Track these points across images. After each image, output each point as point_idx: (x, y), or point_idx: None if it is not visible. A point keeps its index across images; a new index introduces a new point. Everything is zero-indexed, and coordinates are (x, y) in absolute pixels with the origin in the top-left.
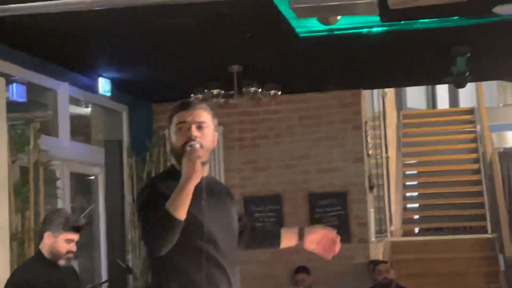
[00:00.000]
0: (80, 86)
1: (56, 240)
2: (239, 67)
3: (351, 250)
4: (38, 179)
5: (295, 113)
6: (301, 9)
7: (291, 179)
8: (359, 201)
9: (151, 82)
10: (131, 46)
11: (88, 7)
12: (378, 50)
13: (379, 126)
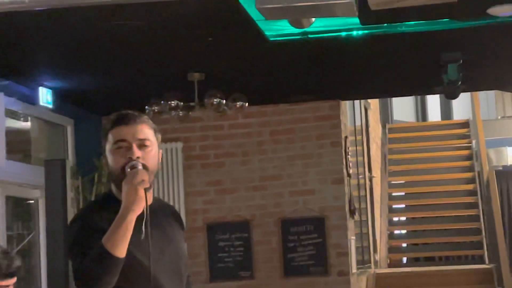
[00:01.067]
0: (18, 97)
1: None
2: (200, 75)
3: (329, 284)
4: None
5: (265, 128)
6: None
7: (261, 203)
8: (338, 227)
9: (100, 92)
10: (77, 51)
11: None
12: (358, 56)
13: (362, 142)
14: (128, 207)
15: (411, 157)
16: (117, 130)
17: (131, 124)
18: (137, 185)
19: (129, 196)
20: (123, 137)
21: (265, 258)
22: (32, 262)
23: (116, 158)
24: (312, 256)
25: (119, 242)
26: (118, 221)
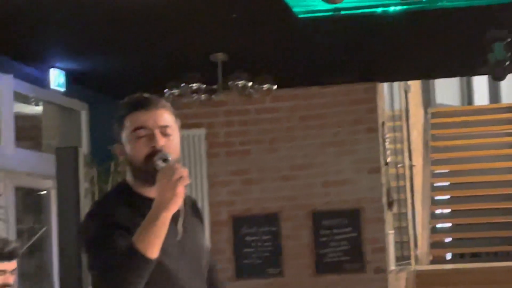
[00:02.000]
0: (28, 80)
1: None
2: (224, 56)
3: (365, 282)
4: None
5: (295, 112)
6: None
7: (290, 194)
8: (375, 220)
9: (116, 74)
10: (90, 29)
11: None
12: (396, 34)
13: (401, 128)
14: (164, 205)
15: (456, 144)
16: (136, 115)
17: (151, 109)
18: (176, 181)
19: (165, 192)
20: (143, 123)
21: (295, 254)
22: (44, 258)
23: (137, 147)
24: (346, 252)
25: (152, 241)
26: (151, 219)
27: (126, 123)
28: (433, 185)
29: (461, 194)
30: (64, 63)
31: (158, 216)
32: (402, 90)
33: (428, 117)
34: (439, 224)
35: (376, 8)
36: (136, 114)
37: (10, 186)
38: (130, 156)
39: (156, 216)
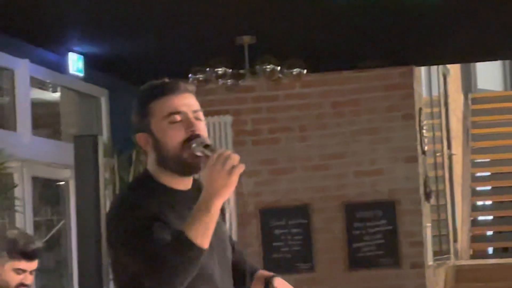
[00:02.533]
0: (45, 64)
1: (2, 271)
2: (251, 38)
3: (401, 278)
4: None
5: (327, 98)
6: None
7: (321, 184)
8: (411, 213)
9: (138, 58)
10: (110, 11)
11: None
12: (434, 15)
13: (440, 114)
14: (216, 193)
15: (498, 132)
16: (166, 101)
17: (181, 93)
18: (231, 169)
19: (218, 180)
20: (177, 108)
21: (327, 248)
22: (62, 252)
23: (171, 133)
24: (380, 246)
25: (205, 231)
26: (203, 208)
27: (153, 109)
28: (473, 175)
29: (503, 185)
30: (83, 47)
31: (211, 205)
32: (441, 74)
33: (468, 103)
34: (480, 217)
35: None
36: (166, 99)
37: (27, 176)
38: (161, 144)
39: (208, 205)
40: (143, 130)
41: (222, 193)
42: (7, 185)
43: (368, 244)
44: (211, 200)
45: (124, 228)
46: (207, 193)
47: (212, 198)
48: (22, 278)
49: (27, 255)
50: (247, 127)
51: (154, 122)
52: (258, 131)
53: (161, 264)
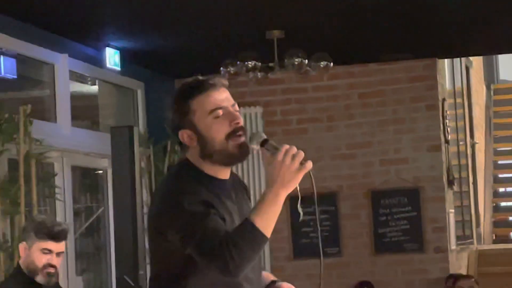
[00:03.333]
0: (83, 59)
1: (30, 252)
2: (280, 33)
3: (425, 262)
4: (30, 175)
5: (353, 90)
6: None
7: (348, 173)
8: (435, 199)
9: (171, 52)
10: (145, 6)
11: None
12: (457, 6)
13: (463, 105)
14: (284, 188)
15: None
16: (206, 97)
17: (219, 88)
18: (301, 166)
19: (286, 176)
20: (219, 104)
21: (354, 233)
22: (101, 238)
23: (216, 127)
24: (405, 231)
25: (271, 222)
26: (271, 199)
27: (194, 106)
28: (496, 163)
29: None
30: (120, 41)
31: (279, 198)
32: (464, 66)
33: (490, 94)
34: (503, 203)
35: None
36: (206, 95)
37: (66, 166)
38: (207, 138)
39: (277, 198)
40: (186, 127)
41: (289, 188)
42: (48, 174)
43: (393, 229)
44: (279, 194)
45: (182, 213)
46: (275, 187)
47: (280, 192)
48: (49, 259)
49: (53, 235)
50: (277, 118)
51: (198, 118)
52: (287, 122)
53: (230, 250)
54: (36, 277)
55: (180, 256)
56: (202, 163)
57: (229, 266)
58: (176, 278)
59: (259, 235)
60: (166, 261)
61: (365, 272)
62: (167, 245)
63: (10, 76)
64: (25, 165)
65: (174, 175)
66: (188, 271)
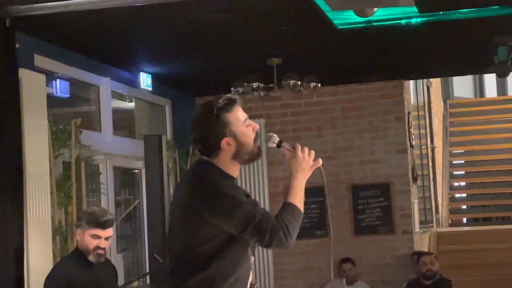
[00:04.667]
0: (122, 81)
1: (83, 236)
2: (278, 60)
3: (395, 242)
4: (80, 174)
5: (337, 105)
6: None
7: (333, 171)
8: (402, 192)
9: (192, 75)
10: (171, 41)
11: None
12: (418, 40)
13: (424, 116)
14: (304, 176)
15: (470, 129)
16: (237, 111)
17: (240, 103)
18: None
19: (305, 170)
20: (245, 116)
21: (338, 219)
22: (137, 224)
23: (250, 134)
24: (379, 217)
25: (302, 201)
26: (297, 185)
27: (229, 119)
28: (451, 163)
29: (474, 170)
30: (151, 67)
31: (302, 184)
32: (425, 85)
33: (447, 107)
34: (457, 194)
35: (401, 20)
36: (236, 110)
37: (109, 166)
38: (243, 143)
39: (301, 184)
40: (228, 135)
41: (307, 176)
42: (94, 173)
43: (369, 216)
44: (302, 181)
45: (240, 203)
46: (299, 177)
47: (303, 180)
48: (98, 242)
49: (100, 224)
50: (276, 127)
51: (236, 127)
52: (285, 130)
53: (290, 226)
54: (89, 257)
55: (217, 240)
56: (228, 165)
57: (287, 238)
58: (207, 259)
59: (299, 211)
60: (204, 244)
61: (347, 250)
62: (211, 231)
63: (64, 95)
64: (76, 166)
65: (213, 172)
66: (219, 253)
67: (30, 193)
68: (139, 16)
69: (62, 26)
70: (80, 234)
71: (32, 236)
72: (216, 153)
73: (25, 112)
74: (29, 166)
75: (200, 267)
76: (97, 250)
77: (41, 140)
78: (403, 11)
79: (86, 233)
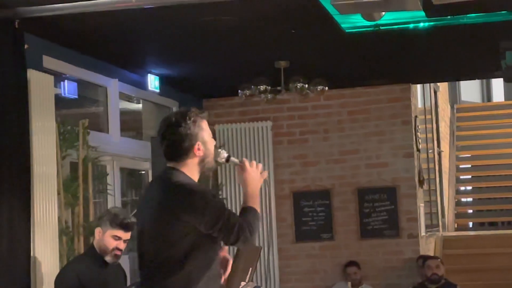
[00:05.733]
0: (130, 83)
1: (104, 236)
2: (286, 63)
3: (400, 245)
4: (87, 175)
5: (344, 108)
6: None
7: (340, 174)
8: (408, 196)
9: (200, 78)
10: (179, 43)
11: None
12: (425, 45)
13: (431, 120)
14: (256, 187)
15: (477, 134)
16: (206, 122)
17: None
18: (262, 174)
19: (257, 181)
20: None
21: (344, 222)
22: None
23: (213, 145)
24: (385, 221)
25: (258, 206)
26: (253, 193)
27: (203, 126)
28: (458, 167)
29: (480, 174)
30: (159, 69)
31: (257, 192)
32: (432, 89)
33: (454, 112)
34: (463, 199)
35: (408, 24)
36: (206, 120)
37: (116, 167)
38: (209, 150)
39: (255, 192)
40: (199, 140)
41: (259, 186)
42: (101, 174)
43: (375, 219)
44: (255, 191)
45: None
46: (252, 187)
47: (256, 189)
48: (118, 244)
49: (124, 226)
50: (283, 130)
51: (206, 135)
52: (292, 133)
53: (253, 227)
54: (106, 257)
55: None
56: (193, 170)
57: (252, 235)
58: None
59: (258, 214)
60: (178, 243)
61: (353, 253)
62: (183, 229)
63: (72, 96)
64: (83, 166)
65: (182, 177)
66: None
67: (37, 193)
68: (148, 18)
69: (71, 28)
70: (99, 234)
71: (39, 236)
72: (184, 157)
73: (33, 113)
74: (36, 166)
75: (175, 269)
76: (115, 251)
77: (49, 141)
78: (411, 15)
79: (107, 233)
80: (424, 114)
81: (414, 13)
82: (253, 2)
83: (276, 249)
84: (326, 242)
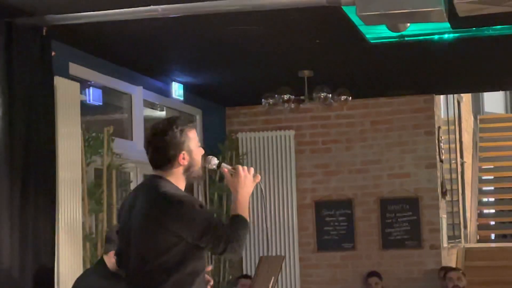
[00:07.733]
0: (155, 90)
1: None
2: (309, 72)
3: (422, 256)
4: (111, 181)
5: (367, 118)
6: (368, 17)
7: (362, 183)
8: (431, 206)
9: (223, 86)
10: (203, 52)
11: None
12: (450, 56)
13: (454, 131)
14: (247, 192)
15: (500, 145)
16: (195, 132)
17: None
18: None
19: (248, 186)
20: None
21: (366, 232)
22: None
23: (200, 155)
24: (407, 231)
25: (247, 214)
26: (243, 200)
27: (190, 136)
28: (480, 178)
29: (503, 186)
30: (183, 78)
31: (246, 198)
32: (456, 100)
33: (477, 123)
34: (485, 210)
35: (433, 36)
36: (195, 131)
37: (140, 174)
38: (195, 160)
39: (245, 198)
40: (185, 150)
41: (250, 191)
42: (125, 181)
43: (397, 230)
44: (246, 196)
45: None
46: (243, 193)
47: (246, 195)
48: None
49: None
50: (306, 139)
51: (192, 145)
52: (314, 142)
53: (240, 237)
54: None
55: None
56: (178, 179)
57: (240, 245)
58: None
59: (247, 222)
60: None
61: (374, 263)
62: (171, 239)
63: (97, 103)
64: (108, 173)
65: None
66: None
67: (62, 198)
68: (173, 26)
69: (97, 35)
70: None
71: (63, 241)
72: (170, 166)
73: (59, 119)
74: (61, 172)
75: (163, 278)
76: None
77: (74, 147)
78: (436, 26)
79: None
80: (447, 125)
81: (439, 25)
82: (278, 12)
83: (297, 258)
84: (348, 252)
